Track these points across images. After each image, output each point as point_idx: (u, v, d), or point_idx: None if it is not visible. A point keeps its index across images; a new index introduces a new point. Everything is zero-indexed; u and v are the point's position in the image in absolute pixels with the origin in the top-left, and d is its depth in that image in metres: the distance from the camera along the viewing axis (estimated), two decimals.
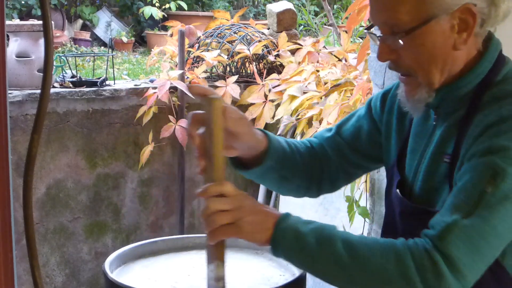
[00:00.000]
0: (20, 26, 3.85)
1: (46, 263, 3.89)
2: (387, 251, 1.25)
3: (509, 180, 1.24)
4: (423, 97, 1.37)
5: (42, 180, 3.83)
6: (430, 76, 1.35)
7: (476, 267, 1.24)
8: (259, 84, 3.96)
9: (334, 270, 1.27)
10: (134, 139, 4.05)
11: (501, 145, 1.26)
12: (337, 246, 1.26)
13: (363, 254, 1.25)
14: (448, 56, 1.35)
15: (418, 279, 1.22)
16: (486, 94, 1.34)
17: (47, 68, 1.05)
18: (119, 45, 7.46)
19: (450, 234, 1.23)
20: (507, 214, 1.24)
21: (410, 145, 1.49)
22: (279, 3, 4.74)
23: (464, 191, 1.27)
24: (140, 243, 1.74)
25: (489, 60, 1.38)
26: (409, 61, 1.35)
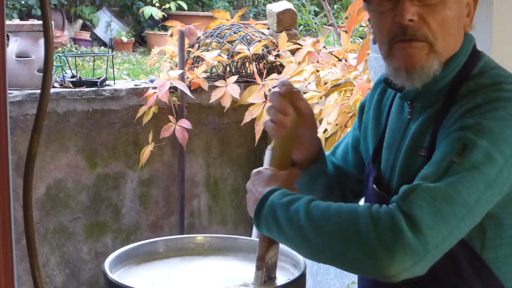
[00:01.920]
0: (20, 26, 3.85)
1: (46, 263, 3.89)
2: (350, 213, 1.24)
3: (478, 152, 1.22)
4: (433, 68, 1.34)
5: (42, 180, 3.83)
6: (447, 47, 1.35)
7: (438, 230, 1.19)
8: (259, 84, 3.96)
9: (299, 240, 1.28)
10: (134, 139, 4.05)
11: (472, 122, 1.26)
12: (300, 213, 1.27)
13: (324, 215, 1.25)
14: (460, 33, 1.37)
15: (374, 234, 1.18)
16: (462, 88, 1.34)
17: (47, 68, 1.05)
18: (119, 45, 7.47)
19: (412, 193, 1.21)
20: (474, 184, 1.21)
21: (386, 141, 1.49)
22: (279, 3, 4.74)
23: (433, 164, 1.26)
24: (140, 243, 1.74)
25: (464, 53, 1.38)
26: (433, 24, 1.32)
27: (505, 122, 1.25)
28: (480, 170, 1.22)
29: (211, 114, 4.23)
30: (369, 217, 1.21)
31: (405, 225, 1.18)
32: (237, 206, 4.43)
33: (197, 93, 4.04)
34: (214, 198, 4.37)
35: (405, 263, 1.17)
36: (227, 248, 1.74)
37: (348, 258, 1.22)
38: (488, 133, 1.24)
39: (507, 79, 1.33)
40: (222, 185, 4.37)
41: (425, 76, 1.34)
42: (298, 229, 1.26)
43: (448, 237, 1.21)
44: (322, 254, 1.26)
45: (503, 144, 1.24)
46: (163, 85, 3.85)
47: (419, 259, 1.18)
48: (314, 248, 1.26)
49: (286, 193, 1.34)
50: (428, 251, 1.18)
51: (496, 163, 1.23)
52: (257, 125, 3.85)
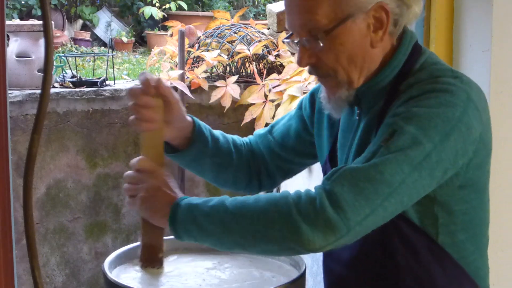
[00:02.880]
0: (20, 26, 3.85)
1: (46, 263, 3.89)
2: (269, 198, 1.28)
3: (405, 137, 1.26)
4: (344, 95, 1.41)
5: (42, 180, 3.83)
6: (350, 75, 1.39)
7: (359, 207, 1.22)
8: (259, 84, 3.96)
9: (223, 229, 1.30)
10: (134, 139, 4.05)
11: (403, 110, 1.30)
12: (224, 206, 1.30)
13: (246, 204, 1.29)
14: (366, 54, 1.39)
15: (295, 211, 1.23)
16: (403, 84, 1.38)
17: (47, 68, 1.05)
18: (119, 45, 7.47)
19: (337, 173, 1.26)
20: (398, 165, 1.25)
21: (339, 141, 1.53)
22: (279, 3, 4.74)
23: (365, 152, 1.31)
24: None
25: (403, 52, 1.41)
26: (329, 62, 1.38)
27: (435, 109, 1.29)
28: (405, 153, 1.26)
29: (211, 114, 4.23)
30: (290, 197, 1.26)
31: (327, 202, 1.22)
32: None
33: (197, 93, 4.05)
34: None
35: (328, 237, 1.22)
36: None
37: (272, 238, 1.25)
38: (416, 119, 1.28)
39: (445, 73, 1.37)
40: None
41: (339, 104, 1.43)
42: (219, 222, 1.30)
43: (371, 214, 1.24)
44: (244, 241, 1.29)
45: (431, 130, 1.27)
46: None
47: (341, 234, 1.22)
48: (235, 237, 1.29)
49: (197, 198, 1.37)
50: (350, 227, 1.22)
51: (423, 147, 1.26)
52: (257, 125, 3.85)
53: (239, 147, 1.67)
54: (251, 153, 1.69)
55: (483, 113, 1.35)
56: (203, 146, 1.59)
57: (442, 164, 1.29)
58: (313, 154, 1.67)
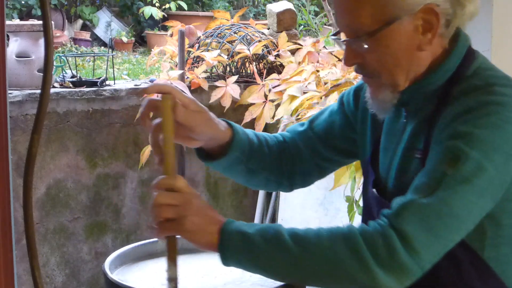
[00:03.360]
0: (20, 26, 3.85)
1: (46, 263, 3.89)
2: (335, 235, 1.24)
3: (471, 164, 1.23)
4: (388, 97, 1.37)
5: (42, 180, 3.83)
6: (395, 78, 1.35)
7: (431, 246, 1.21)
8: (259, 84, 3.96)
9: (285, 265, 1.25)
10: (134, 139, 4.05)
11: (464, 131, 1.26)
12: (285, 240, 1.25)
13: (311, 241, 1.24)
14: (413, 57, 1.35)
15: (369, 254, 1.20)
16: (455, 89, 1.34)
17: (47, 68, 1.05)
18: (119, 45, 7.46)
19: (405, 211, 1.22)
20: (466, 197, 1.23)
21: (382, 143, 1.49)
22: (279, 3, 4.74)
23: (426, 174, 1.27)
24: (140, 243, 1.74)
25: (457, 56, 1.37)
26: (374, 64, 1.35)
27: (496, 129, 1.26)
28: (471, 183, 1.23)
29: None
30: (360, 236, 1.22)
31: (399, 243, 1.20)
32: (237, 206, 4.43)
33: (197, 93, 4.04)
34: (214, 198, 4.37)
35: (402, 281, 1.21)
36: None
37: (340, 279, 1.23)
38: (480, 143, 1.25)
39: (500, 81, 1.33)
40: (222, 185, 4.37)
41: (382, 106, 1.39)
42: (278, 259, 1.25)
43: (442, 251, 1.24)
44: (314, 276, 1.26)
45: (494, 153, 1.25)
46: None
47: (413, 275, 1.21)
48: (306, 272, 1.25)
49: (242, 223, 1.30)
50: (424, 267, 1.22)
51: (487, 173, 1.24)
52: (257, 125, 3.85)
53: (271, 147, 1.60)
54: (284, 152, 1.61)
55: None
56: (240, 153, 1.52)
57: (504, 185, 1.28)
58: (353, 152, 1.61)
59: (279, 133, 1.66)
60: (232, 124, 1.52)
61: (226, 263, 1.30)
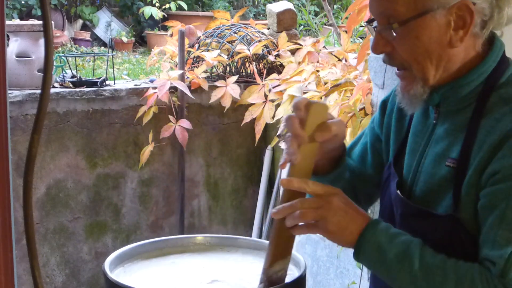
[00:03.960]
0: (20, 26, 3.85)
1: (46, 263, 3.89)
2: (461, 277, 1.25)
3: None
4: (419, 92, 1.36)
5: (42, 180, 3.83)
6: (425, 71, 1.34)
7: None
8: (259, 84, 3.96)
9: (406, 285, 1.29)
10: (134, 139, 4.05)
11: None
12: (414, 267, 1.27)
13: (437, 276, 1.26)
14: (443, 52, 1.33)
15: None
16: (492, 96, 1.32)
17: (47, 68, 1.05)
18: (119, 45, 7.47)
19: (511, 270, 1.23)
20: None
21: (409, 145, 1.47)
22: (279, 3, 4.74)
23: (506, 220, 1.24)
24: (140, 243, 1.74)
25: (493, 60, 1.36)
26: (403, 54, 1.34)
27: None
28: None
29: (211, 114, 4.24)
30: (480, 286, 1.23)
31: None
32: (237, 206, 4.43)
33: (197, 93, 4.05)
34: (214, 198, 4.37)
35: None
36: (227, 248, 1.73)
37: None
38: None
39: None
40: (222, 185, 4.37)
41: (415, 101, 1.37)
42: (409, 275, 1.28)
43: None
44: None
45: None
46: (163, 85, 3.85)
47: None
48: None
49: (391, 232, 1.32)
50: None
51: None
52: (257, 125, 3.85)
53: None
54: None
55: None
56: (344, 170, 1.54)
57: None
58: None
59: None
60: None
61: (357, 260, 1.35)
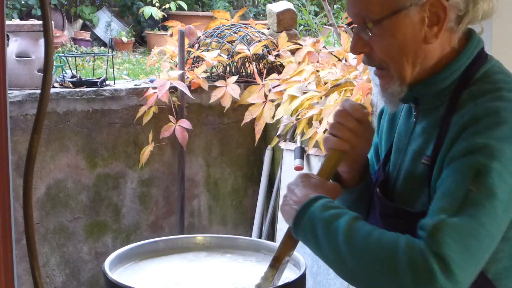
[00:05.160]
0: (20, 26, 3.85)
1: (46, 263, 3.89)
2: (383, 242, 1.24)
3: (494, 176, 1.22)
4: (396, 90, 1.37)
5: (42, 180, 3.83)
6: (401, 69, 1.35)
7: (467, 267, 1.20)
8: (259, 84, 3.96)
9: (336, 260, 1.28)
10: (134, 139, 4.05)
11: (479, 143, 1.24)
12: (339, 236, 1.27)
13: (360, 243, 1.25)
14: (419, 49, 1.34)
15: (409, 273, 1.19)
16: (464, 93, 1.33)
17: (47, 68, 1.05)
18: (119, 45, 7.47)
19: (439, 232, 1.20)
20: (495, 212, 1.21)
21: (395, 144, 1.49)
22: (279, 3, 4.74)
23: (449, 194, 1.25)
24: (140, 243, 1.74)
25: (466, 56, 1.37)
26: (380, 53, 1.36)
27: (510, 139, 1.24)
28: (497, 196, 1.21)
29: (211, 114, 4.23)
30: (407, 254, 1.21)
31: (437, 267, 1.18)
32: (237, 206, 4.43)
33: (197, 93, 4.04)
34: (214, 198, 4.37)
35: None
36: (227, 248, 1.74)
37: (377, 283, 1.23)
38: (498, 155, 1.23)
39: (508, 86, 1.32)
40: (222, 185, 4.37)
41: (393, 99, 1.40)
42: (335, 250, 1.27)
43: (476, 271, 1.23)
44: (356, 279, 1.27)
45: (511, 164, 1.23)
46: (163, 85, 3.85)
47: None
48: (349, 272, 1.27)
49: (328, 206, 1.33)
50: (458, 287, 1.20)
51: (508, 184, 1.23)
52: (257, 125, 3.85)
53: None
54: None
55: None
56: (370, 184, 1.54)
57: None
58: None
59: None
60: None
61: (296, 236, 1.37)
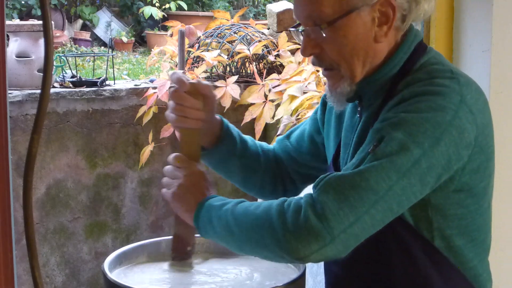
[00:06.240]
0: (20, 26, 3.85)
1: (46, 263, 3.89)
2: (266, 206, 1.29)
3: (392, 143, 1.24)
4: (345, 90, 1.40)
5: (42, 180, 3.83)
6: (352, 68, 1.38)
7: (342, 215, 1.21)
8: (259, 84, 3.96)
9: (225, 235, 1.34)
10: (134, 139, 4.05)
11: (392, 115, 1.29)
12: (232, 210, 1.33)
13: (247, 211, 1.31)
14: (369, 48, 1.37)
15: (281, 220, 1.24)
16: (401, 83, 1.36)
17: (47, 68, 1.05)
18: (119, 45, 7.47)
19: (322, 181, 1.25)
20: (384, 172, 1.23)
21: (343, 140, 1.52)
22: (279, 3, 4.74)
23: (355, 157, 1.30)
24: (140, 243, 1.74)
25: (404, 51, 1.40)
26: (331, 54, 1.38)
27: (424, 114, 1.27)
28: (391, 159, 1.24)
29: None
30: (280, 206, 1.26)
31: (310, 210, 1.22)
32: None
33: None
34: None
35: (311, 246, 1.21)
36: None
37: (264, 247, 1.28)
38: (404, 125, 1.26)
39: (443, 74, 1.35)
40: (222, 185, 4.37)
41: (340, 99, 1.43)
42: (225, 225, 1.33)
43: (356, 222, 1.23)
44: (245, 246, 1.33)
45: (420, 136, 1.25)
46: (163, 85, 3.85)
47: (325, 242, 1.21)
48: (238, 241, 1.33)
49: (221, 199, 1.39)
50: (334, 235, 1.21)
51: (411, 153, 1.25)
52: (257, 125, 3.85)
53: (266, 151, 1.67)
54: (275, 159, 1.69)
55: (478, 115, 1.32)
56: (232, 145, 1.61)
57: (434, 169, 1.27)
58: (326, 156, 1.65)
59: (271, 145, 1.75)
60: (221, 117, 1.62)
61: (202, 235, 1.40)
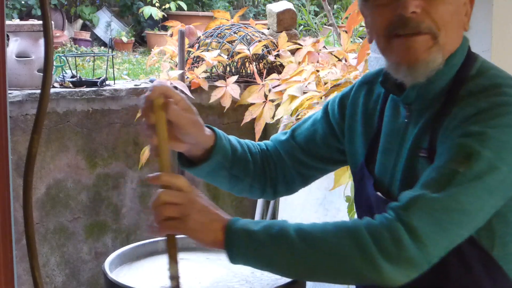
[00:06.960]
0: (20, 26, 3.85)
1: (46, 263, 3.89)
2: (340, 229, 1.24)
3: (482, 163, 1.23)
4: (437, 60, 1.35)
5: (42, 180, 3.83)
6: (449, 41, 1.36)
7: (439, 240, 1.21)
8: (259, 84, 3.96)
9: (292, 261, 1.25)
10: (134, 139, 4.05)
11: (476, 130, 1.26)
12: (290, 235, 1.24)
13: (316, 236, 1.24)
14: (459, 32, 1.38)
15: (375, 248, 1.19)
16: (462, 89, 1.34)
17: (47, 68, 1.05)
18: (119, 45, 7.47)
19: (414, 205, 1.22)
20: (477, 194, 1.23)
21: (382, 145, 1.48)
22: (279, 3, 4.74)
23: (435, 170, 1.27)
24: (140, 243, 1.74)
25: (461, 53, 1.39)
26: (437, 15, 1.33)
27: (509, 129, 1.26)
28: (482, 180, 1.23)
29: (211, 114, 4.23)
30: (365, 230, 1.22)
31: (407, 237, 1.19)
32: (237, 206, 4.43)
33: (197, 93, 4.04)
34: (214, 198, 4.36)
35: (410, 274, 1.21)
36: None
37: (346, 273, 1.23)
38: (492, 142, 1.25)
39: (506, 81, 1.34)
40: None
41: (428, 70, 1.35)
42: (284, 254, 1.24)
43: (450, 246, 1.24)
44: (320, 272, 1.25)
45: (506, 153, 1.25)
46: None
47: (420, 268, 1.21)
48: (304, 270, 1.25)
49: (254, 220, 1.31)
50: (429, 261, 1.22)
51: (499, 172, 1.25)
52: (257, 125, 3.84)
53: (254, 155, 1.60)
54: (267, 160, 1.62)
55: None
56: (223, 158, 1.52)
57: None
58: (339, 160, 1.62)
59: (263, 142, 1.66)
60: (215, 130, 1.52)
61: (233, 261, 1.28)
